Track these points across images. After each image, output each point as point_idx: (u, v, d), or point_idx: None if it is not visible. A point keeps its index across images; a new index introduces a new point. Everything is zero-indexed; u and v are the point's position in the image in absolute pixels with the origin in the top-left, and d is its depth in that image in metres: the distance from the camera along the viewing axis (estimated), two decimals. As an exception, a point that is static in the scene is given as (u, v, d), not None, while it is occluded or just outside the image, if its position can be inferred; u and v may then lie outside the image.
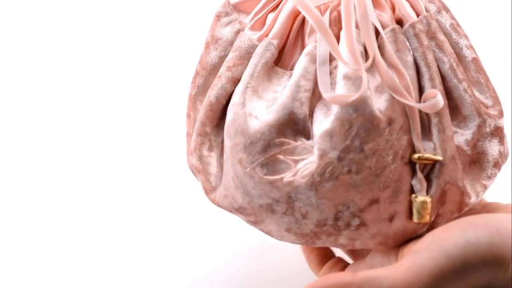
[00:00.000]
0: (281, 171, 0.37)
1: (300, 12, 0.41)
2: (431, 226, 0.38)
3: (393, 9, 0.42)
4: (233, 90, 0.41)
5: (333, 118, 0.37)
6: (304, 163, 0.37)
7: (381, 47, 0.39)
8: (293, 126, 0.38)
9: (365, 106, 0.37)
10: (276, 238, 0.41)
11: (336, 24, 0.41)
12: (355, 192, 0.36)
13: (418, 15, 0.41)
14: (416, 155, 0.37)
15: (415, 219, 0.37)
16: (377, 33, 0.40)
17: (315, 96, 0.40)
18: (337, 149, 0.36)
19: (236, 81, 0.41)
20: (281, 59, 0.42)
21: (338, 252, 0.46)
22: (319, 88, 0.39)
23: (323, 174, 0.36)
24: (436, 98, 0.36)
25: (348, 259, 0.45)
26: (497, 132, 0.40)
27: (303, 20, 0.42)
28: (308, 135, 0.38)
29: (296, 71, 0.40)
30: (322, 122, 0.38)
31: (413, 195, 0.37)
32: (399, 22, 0.42)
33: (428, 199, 0.37)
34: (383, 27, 0.40)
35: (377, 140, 0.36)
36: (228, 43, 0.43)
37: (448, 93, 0.40)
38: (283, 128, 0.38)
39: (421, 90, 0.39)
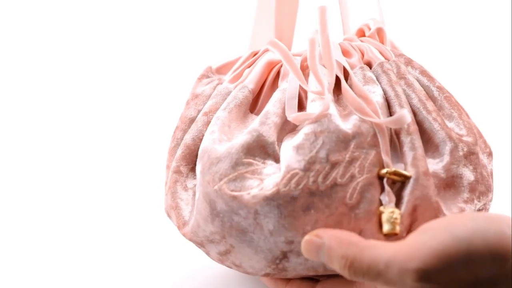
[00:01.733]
0: (248, 188, 0.38)
1: (275, 64, 0.45)
2: None
3: (362, 56, 0.44)
4: None
5: (299, 135, 0.38)
6: (271, 178, 0.38)
7: (349, 82, 0.41)
8: (262, 149, 0.39)
9: (329, 121, 0.38)
10: (246, 269, 0.40)
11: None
12: (322, 204, 0.36)
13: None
14: (384, 170, 0.37)
15: (384, 230, 0.36)
16: (346, 74, 0.42)
17: (284, 130, 0.41)
18: (303, 160, 0.37)
19: None
20: (256, 107, 0.44)
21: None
22: (285, 111, 0.40)
23: (288, 184, 0.36)
24: (402, 113, 0.37)
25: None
26: (472, 159, 0.40)
27: (278, 71, 0.44)
28: (277, 159, 0.39)
29: (269, 103, 0.41)
30: (289, 141, 0.39)
31: (381, 207, 0.37)
32: (368, 64, 0.43)
33: (397, 210, 0.36)
34: (352, 68, 0.42)
35: (343, 152, 0.37)
36: (206, 97, 0.46)
37: (420, 126, 0.40)
38: (251, 150, 0.39)
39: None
